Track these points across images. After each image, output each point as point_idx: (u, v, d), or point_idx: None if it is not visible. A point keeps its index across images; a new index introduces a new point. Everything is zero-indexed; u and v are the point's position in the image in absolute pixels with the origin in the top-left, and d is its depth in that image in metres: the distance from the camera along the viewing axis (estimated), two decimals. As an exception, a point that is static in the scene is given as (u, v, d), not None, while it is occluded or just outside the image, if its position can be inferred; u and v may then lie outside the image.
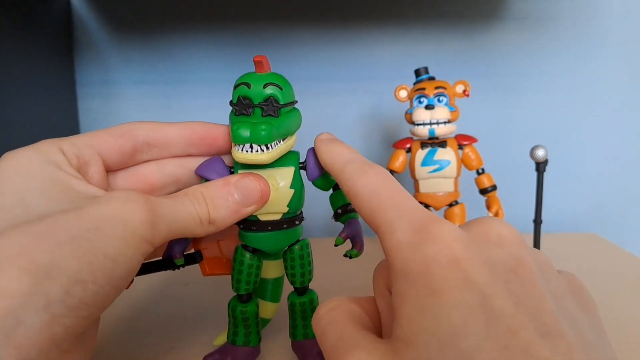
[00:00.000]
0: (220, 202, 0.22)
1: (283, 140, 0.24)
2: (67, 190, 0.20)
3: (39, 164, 0.21)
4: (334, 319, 0.19)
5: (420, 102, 0.41)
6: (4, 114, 0.43)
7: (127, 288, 0.21)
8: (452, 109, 0.41)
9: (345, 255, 0.24)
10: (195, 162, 0.26)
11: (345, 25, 0.57)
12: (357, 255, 0.24)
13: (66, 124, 0.55)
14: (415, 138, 0.43)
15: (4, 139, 0.43)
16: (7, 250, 0.17)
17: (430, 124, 0.41)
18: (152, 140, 0.25)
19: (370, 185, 0.20)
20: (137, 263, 0.20)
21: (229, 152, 0.25)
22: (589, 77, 0.58)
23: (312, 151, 0.25)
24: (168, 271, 0.26)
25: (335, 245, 0.25)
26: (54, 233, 0.17)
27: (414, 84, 0.43)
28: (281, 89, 0.23)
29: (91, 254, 0.18)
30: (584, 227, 0.60)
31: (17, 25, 0.46)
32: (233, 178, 0.23)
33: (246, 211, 0.23)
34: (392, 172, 0.44)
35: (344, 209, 0.26)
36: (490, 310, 0.15)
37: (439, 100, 0.41)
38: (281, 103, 0.23)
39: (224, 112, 0.24)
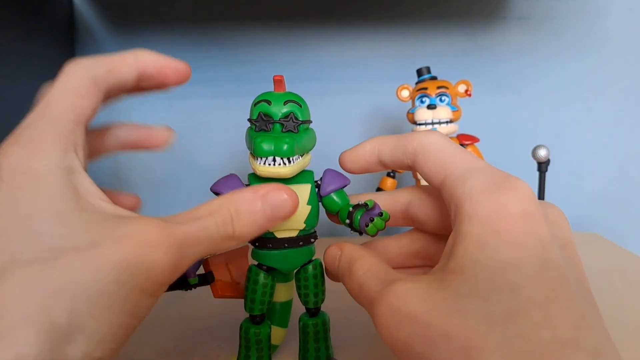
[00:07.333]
0: (248, 218, 0.21)
1: (302, 157, 0.24)
2: (81, 210, 0.18)
3: (47, 172, 0.18)
4: (370, 267, 0.21)
5: (422, 102, 0.41)
6: (4, 112, 0.43)
7: None
8: (454, 108, 0.41)
9: (373, 234, 0.23)
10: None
11: (347, 24, 0.57)
12: (382, 225, 0.23)
13: (68, 123, 0.55)
14: (417, 138, 0.42)
15: (5, 137, 0.42)
16: (23, 304, 0.15)
17: (432, 123, 0.40)
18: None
19: (439, 140, 0.22)
20: (153, 306, 0.18)
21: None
22: (591, 76, 0.58)
23: (329, 171, 0.25)
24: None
25: (372, 235, 0.23)
26: (71, 287, 0.16)
27: (416, 83, 0.43)
28: (300, 106, 0.24)
29: (110, 312, 0.16)
30: (586, 227, 0.59)
31: (19, 23, 0.46)
32: (261, 190, 0.21)
33: (273, 225, 0.22)
34: (394, 171, 0.44)
35: (354, 207, 0.24)
36: (546, 260, 0.17)
37: (441, 100, 0.41)
38: (300, 119, 0.24)
39: (225, 112, 0.24)
